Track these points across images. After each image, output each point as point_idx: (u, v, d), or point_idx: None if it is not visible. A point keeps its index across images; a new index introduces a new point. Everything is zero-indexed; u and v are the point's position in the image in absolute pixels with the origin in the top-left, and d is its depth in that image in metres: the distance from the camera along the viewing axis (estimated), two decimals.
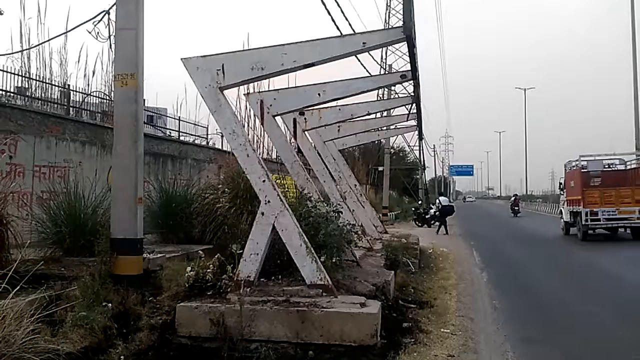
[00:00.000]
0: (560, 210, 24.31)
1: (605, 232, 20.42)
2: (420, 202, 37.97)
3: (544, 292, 10.43)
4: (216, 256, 6.73)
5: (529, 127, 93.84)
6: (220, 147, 19.13)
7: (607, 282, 11.11)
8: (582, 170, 20.52)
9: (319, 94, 8.88)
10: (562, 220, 23.03)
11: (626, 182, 19.92)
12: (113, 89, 8.00)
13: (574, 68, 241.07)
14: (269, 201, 6.41)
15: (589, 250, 17.37)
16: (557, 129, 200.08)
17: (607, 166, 21.56)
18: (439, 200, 25.83)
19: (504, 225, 32.49)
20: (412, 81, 9.29)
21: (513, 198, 45.79)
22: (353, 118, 12.54)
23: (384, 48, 35.49)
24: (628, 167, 21.16)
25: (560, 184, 24.44)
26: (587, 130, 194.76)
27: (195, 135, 19.83)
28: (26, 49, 12.27)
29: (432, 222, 26.34)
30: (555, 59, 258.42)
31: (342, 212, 9.11)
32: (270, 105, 8.73)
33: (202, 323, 5.75)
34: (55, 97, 13.52)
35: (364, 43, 6.42)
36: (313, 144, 12.06)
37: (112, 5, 7.13)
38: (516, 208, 42.56)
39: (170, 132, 18.77)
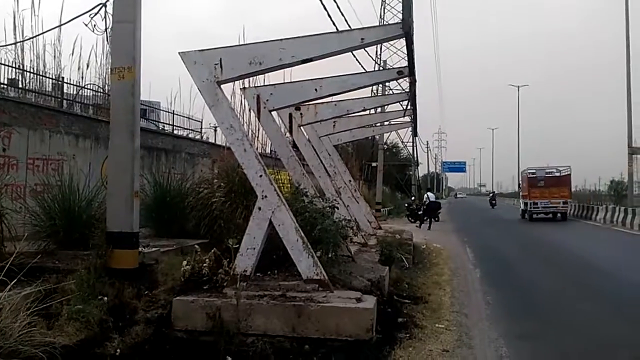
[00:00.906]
0: (520, 202, 36.18)
1: (544, 216, 31.75)
2: (413, 198, 38.07)
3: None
4: (212, 250, 6.73)
5: (522, 124, 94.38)
6: (214, 141, 19.14)
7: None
8: (530, 176, 32.75)
9: (315, 89, 8.88)
10: (520, 209, 35.10)
11: (558, 184, 31.19)
12: (110, 82, 7.95)
13: (567, 67, 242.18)
14: (265, 196, 6.42)
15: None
16: (549, 127, 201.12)
17: (547, 173, 32.43)
18: (427, 195, 27.48)
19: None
20: (408, 78, 9.31)
21: (491, 194, 60.36)
22: (349, 114, 12.55)
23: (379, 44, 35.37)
24: (560, 174, 32.31)
25: (519, 184, 38.33)
26: (580, 128, 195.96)
27: (189, 129, 19.73)
28: (20, 41, 12.16)
29: (425, 218, 26.43)
30: (549, 57, 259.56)
31: (337, 208, 9.14)
32: (267, 100, 8.72)
33: (198, 317, 5.77)
34: (49, 89, 13.40)
35: (362, 39, 6.43)
36: (308, 139, 12.04)
37: None
38: (493, 202, 53.85)
39: (164, 126, 18.67)
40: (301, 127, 11.54)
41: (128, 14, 6.64)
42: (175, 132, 18.44)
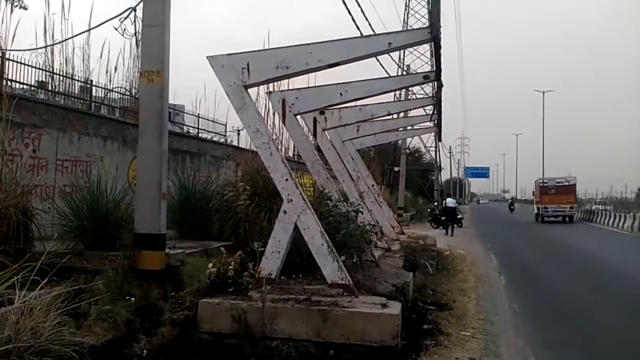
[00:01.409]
0: (534, 207, 41.89)
1: (554, 219, 37.29)
2: (436, 203, 37.74)
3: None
4: (238, 253, 6.76)
5: (547, 130, 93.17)
6: (237, 145, 19.28)
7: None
8: (541, 185, 38.65)
9: (340, 94, 8.86)
10: (534, 212, 40.33)
11: (566, 192, 37.09)
12: (139, 86, 8.05)
13: (594, 71, 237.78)
14: (291, 199, 6.42)
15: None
16: (575, 133, 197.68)
17: (557, 182, 37.97)
18: (445, 201, 28.01)
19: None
20: (436, 82, 9.23)
21: (510, 200, 71.46)
22: (373, 118, 12.50)
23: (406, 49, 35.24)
24: (568, 183, 37.81)
25: (533, 192, 43.43)
26: (606, 134, 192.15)
27: (213, 132, 19.92)
28: (50, 45, 12.41)
29: (449, 224, 26.28)
30: (576, 62, 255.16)
31: (362, 212, 9.10)
32: (292, 104, 8.73)
33: (223, 319, 5.79)
34: (77, 92, 13.66)
35: (389, 43, 6.40)
36: (332, 143, 12.03)
37: (139, 2, 7.20)
38: (512, 207, 59.22)
39: (188, 129, 18.87)
40: (325, 131, 11.53)
41: (157, 18, 6.72)
42: (200, 135, 18.62)
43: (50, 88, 12.77)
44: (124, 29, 8.08)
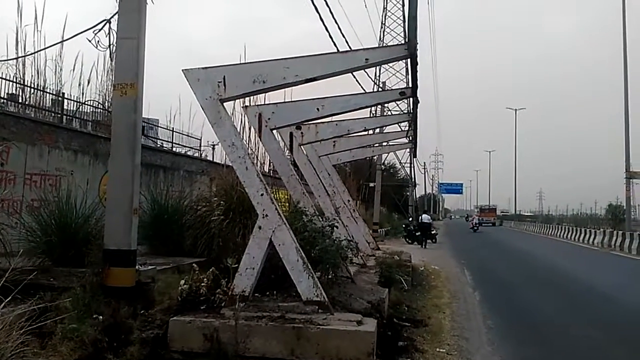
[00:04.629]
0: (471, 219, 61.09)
1: (486, 226, 63.75)
2: (410, 219, 38.02)
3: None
4: (211, 270, 6.61)
5: (520, 147, 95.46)
6: (212, 159, 19.08)
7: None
8: (480, 208, 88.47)
9: (317, 109, 8.87)
10: (471, 222, 55.87)
11: (491, 211, 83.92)
12: (112, 99, 7.91)
13: (565, 91, 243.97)
14: (266, 215, 6.34)
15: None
16: (547, 150, 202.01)
17: (488, 207, 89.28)
18: (421, 217, 29.91)
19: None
20: (412, 98, 9.30)
21: (466, 215, 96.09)
22: (349, 134, 12.55)
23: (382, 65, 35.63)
24: (491, 207, 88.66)
25: (479, 210, 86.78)
26: (577, 151, 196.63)
27: (188, 147, 19.68)
28: (22, 56, 12.15)
29: (424, 240, 26.80)
30: (547, 81, 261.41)
31: (337, 226, 9.06)
32: (269, 119, 8.69)
33: (195, 338, 5.64)
34: (49, 105, 13.37)
35: (366, 59, 6.42)
36: (308, 158, 12.01)
37: (114, 14, 7.10)
38: (468, 220, 72.51)
39: (162, 143, 18.62)
40: (301, 146, 11.50)
41: (132, 31, 6.63)
42: (174, 149, 18.39)
43: (20, 100, 12.47)
44: (98, 41, 7.96)
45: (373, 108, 26.22)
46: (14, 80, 12.18)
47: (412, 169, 54.05)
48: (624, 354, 7.33)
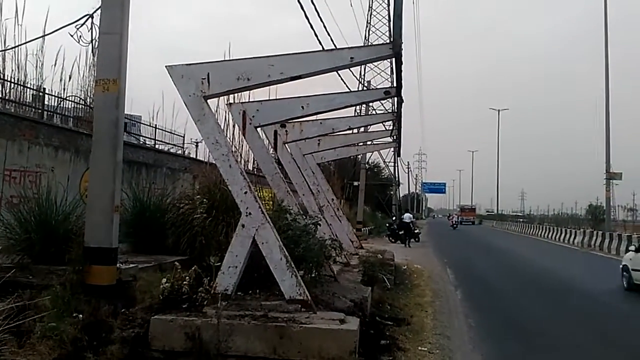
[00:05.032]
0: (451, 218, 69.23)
1: (466, 225, 73.76)
2: (394, 217, 38.21)
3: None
4: (193, 268, 6.56)
5: (502, 147, 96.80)
6: (195, 157, 18.93)
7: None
8: (461, 208, 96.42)
9: (302, 107, 8.84)
10: (451, 221, 63.43)
11: (471, 211, 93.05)
12: (94, 94, 7.80)
13: (548, 92, 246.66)
14: (250, 213, 6.31)
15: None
16: (529, 151, 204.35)
17: (468, 206, 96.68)
18: (403, 216, 30.53)
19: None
20: (395, 98, 9.33)
21: (449, 215, 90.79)
22: (334, 132, 12.54)
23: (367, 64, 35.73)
24: (473, 207, 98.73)
25: (460, 209, 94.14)
26: (559, 151, 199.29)
27: (171, 144, 19.50)
28: (2, 50, 11.92)
29: (407, 239, 27.07)
30: (531, 82, 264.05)
31: (320, 224, 9.06)
32: (253, 117, 8.64)
33: (177, 337, 5.60)
34: (29, 100, 13.14)
35: (351, 58, 6.42)
36: (293, 157, 11.98)
37: (97, 9, 6.98)
38: (455, 219, 69.66)
39: (144, 140, 18.42)
40: (286, 145, 11.47)
41: (115, 26, 6.53)
42: (156, 146, 18.20)
43: (0, 95, 12.25)
44: (80, 36, 7.83)
45: (358, 107, 26.30)
46: None
47: (396, 168, 54.30)
48: (599, 350, 7.46)
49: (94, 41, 7.77)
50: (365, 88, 28.55)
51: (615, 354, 7.42)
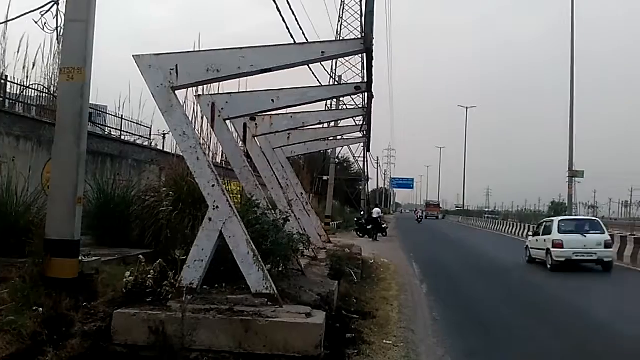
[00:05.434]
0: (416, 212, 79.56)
1: (431, 219, 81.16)
2: (362, 212, 38.50)
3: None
4: (158, 261, 6.46)
5: (470, 144, 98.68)
6: (162, 149, 18.65)
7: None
8: (426, 203, 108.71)
9: (272, 100, 8.78)
10: (417, 216, 68.82)
11: (436, 206, 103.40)
12: (58, 83, 7.59)
13: (514, 90, 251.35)
14: (217, 207, 6.25)
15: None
16: (496, 148, 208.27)
17: (434, 201, 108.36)
18: (373, 211, 31.37)
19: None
20: (366, 93, 9.37)
21: (415, 210, 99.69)
22: (304, 126, 12.51)
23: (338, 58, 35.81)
24: (437, 202, 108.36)
25: (425, 205, 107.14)
26: (524, 149, 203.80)
27: (137, 135, 19.15)
28: None
29: (374, 233, 27.46)
30: (498, 79, 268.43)
31: (289, 220, 9.05)
32: (222, 109, 8.52)
33: (140, 331, 5.52)
34: None
35: (322, 52, 6.40)
36: (262, 150, 11.92)
37: None
38: (419, 214, 74.33)
39: (110, 131, 18.04)
40: (255, 138, 11.39)
41: (82, 13, 6.36)
42: (122, 137, 17.86)
43: None
44: (45, 23, 7.60)
45: (328, 102, 26.34)
46: None
47: (366, 163, 54.67)
48: (555, 342, 7.71)
49: (59, 28, 7.58)
50: (336, 83, 28.60)
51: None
